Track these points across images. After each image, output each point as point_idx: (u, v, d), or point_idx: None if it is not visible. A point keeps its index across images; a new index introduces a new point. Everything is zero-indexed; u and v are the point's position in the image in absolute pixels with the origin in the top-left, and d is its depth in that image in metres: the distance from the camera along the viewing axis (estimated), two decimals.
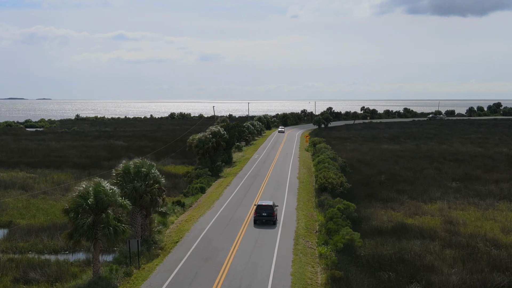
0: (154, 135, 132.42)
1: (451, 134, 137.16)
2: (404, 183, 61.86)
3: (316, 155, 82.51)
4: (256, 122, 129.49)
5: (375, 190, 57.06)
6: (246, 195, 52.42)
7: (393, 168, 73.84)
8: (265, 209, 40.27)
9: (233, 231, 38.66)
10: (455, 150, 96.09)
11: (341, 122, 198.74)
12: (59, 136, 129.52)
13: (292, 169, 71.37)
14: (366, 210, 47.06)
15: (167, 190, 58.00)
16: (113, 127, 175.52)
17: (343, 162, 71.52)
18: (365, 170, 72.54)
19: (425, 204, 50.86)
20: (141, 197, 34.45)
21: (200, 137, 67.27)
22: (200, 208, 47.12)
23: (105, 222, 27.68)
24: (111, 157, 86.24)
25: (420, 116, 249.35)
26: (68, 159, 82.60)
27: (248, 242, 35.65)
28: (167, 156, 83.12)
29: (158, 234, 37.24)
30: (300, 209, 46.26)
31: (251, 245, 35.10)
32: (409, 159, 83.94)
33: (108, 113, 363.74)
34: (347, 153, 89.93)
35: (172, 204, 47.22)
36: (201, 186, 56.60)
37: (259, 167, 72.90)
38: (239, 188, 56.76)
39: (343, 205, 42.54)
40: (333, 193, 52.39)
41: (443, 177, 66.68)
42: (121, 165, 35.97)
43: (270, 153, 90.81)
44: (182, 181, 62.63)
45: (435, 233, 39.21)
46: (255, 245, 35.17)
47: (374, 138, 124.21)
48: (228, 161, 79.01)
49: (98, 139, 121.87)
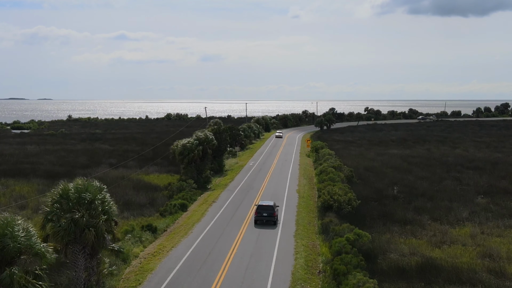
0: (144, 138, 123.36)
1: (462, 137, 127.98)
2: (422, 198, 52.75)
3: (318, 162, 73.46)
4: (253, 124, 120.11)
5: (388, 207, 47.95)
6: (234, 216, 43.30)
7: (406, 178, 64.75)
8: (266, 209, 39.89)
9: (210, 272, 29.59)
10: (471, 156, 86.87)
11: (344, 123, 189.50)
12: (42, 139, 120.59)
13: (291, 179, 62.28)
14: (381, 236, 37.96)
15: (141, 207, 49.17)
16: (104, 128, 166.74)
17: (349, 172, 62.48)
18: (374, 180, 63.49)
19: (451, 227, 41.77)
20: (83, 232, 25.38)
21: (185, 143, 58.11)
22: (175, 235, 37.99)
23: (6, 285, 18.57)
24: (90, 164, 77.38)
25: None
26: (40, 166, 73.54)
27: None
28: (151, 163, 73.96)
29: (111, 278, 28.11)
30: (299, 237, 37.15)
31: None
32: (422, 167, 74.79)
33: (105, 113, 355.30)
34: (353, 159, 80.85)
35: (142, 229, 38.13)
36: (182, 203, 47.52)
37: (253, 177, 63.78)
38: (227, 205, 47.66)
39: (353, 235, 33.44)
40: (340, 213, 43.41)
41: (465, 189, 57.61)
42: (59, 188, 26.88)
43: (267, 160, 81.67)
44: (162, 195, 53.56)
45: (475, 274, 30.07)
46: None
47: (381, 141, 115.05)
48: (218, 170, 69.94)
49: (83, 142, 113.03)
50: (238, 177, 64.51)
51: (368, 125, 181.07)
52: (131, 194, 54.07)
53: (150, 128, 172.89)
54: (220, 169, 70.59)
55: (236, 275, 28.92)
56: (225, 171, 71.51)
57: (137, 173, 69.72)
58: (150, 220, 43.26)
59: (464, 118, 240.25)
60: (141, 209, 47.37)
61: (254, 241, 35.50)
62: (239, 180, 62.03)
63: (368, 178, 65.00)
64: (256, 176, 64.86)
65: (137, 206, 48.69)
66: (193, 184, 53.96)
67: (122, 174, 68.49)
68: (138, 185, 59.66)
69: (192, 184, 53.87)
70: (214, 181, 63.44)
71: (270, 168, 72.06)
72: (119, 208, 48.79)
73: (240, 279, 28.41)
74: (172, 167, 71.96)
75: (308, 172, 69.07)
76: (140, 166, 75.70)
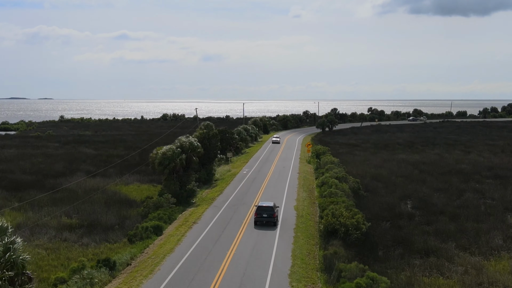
0: (134, 140, 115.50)
1: (473, 139, 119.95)
2: (442, 216, 44.77)
3: (319, 171, 65.45)
4: (250, 126, 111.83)
5: (404, 231, 39.99)
6: (217, 244, 35.29)
7: (419, 190, 56.84)
8: (266, 210, 39.32)
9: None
10: (488, 162, 78.80)
11: (347, 124, 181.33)
12: (24, 141, 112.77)
13: (288, 192, 54.30)
14: (399, 275, 29.98)
15: (108, 230, 41.10)
16: (94, 130, 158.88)
17: (354, 184, 54.48)
18: (384, 193, 55.60)
19: (485, 258, 33.83)
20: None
21: (165, 152, 50.10)
22: (138, 273, 29.94)
23: None
24: (65, 172, 69.50)
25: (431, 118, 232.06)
26: (8, 175, 65.57)
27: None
28: (132, 171, 66.03)
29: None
30: (295, 276, 29.12)
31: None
32: (436, 176, 66.82)
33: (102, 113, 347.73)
34: (358, 166, 72.89)
35: (97, 264, 30.14)
36: (157, 225, 39.53)
37: (246, 190, 55.77)
38: (210, 228, 39.65)
39: (366, 280, 25.46)
40: (346, 240, 35.47)
41: (491, 205, 49.64)
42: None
43: (264, 167, 73.61)
44: (136, 213, 45.61)
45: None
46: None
47: (387, 145, 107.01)
48: (207, 179, 61.90)
49: (67, 145, 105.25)
50: (228, 189, 56.48)
51: (372, 126, 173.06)
52: (100, 211, 46.18)
53: (143, 129, 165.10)
54: (210, 179, 62.58)
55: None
56: (215, 180, 63.50)
57: (115, 183, 61.83)
58: (113, 249, 35.37)
59: (471, 119, 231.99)
60: (107, 233, 39.46)
61: (237, 285, 27.52)
62: (229, 193, 54.01)
63: (377, 190, 57.10)
64: (249, 188, 56.84)
65: (103, 228, 40.81)
66: (172, 199, 45.89)
67: (99, 184, 60.65)
68: (112, 199, 51.75)
69: (171, 199, 45.81)
70: (200, 193, 55.45)
71: (266, 177, 64.07)
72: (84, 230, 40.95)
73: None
74: (156, 175, 63.86)
75: (309, 182, 61.07)
76: (122, 173, 67.86)
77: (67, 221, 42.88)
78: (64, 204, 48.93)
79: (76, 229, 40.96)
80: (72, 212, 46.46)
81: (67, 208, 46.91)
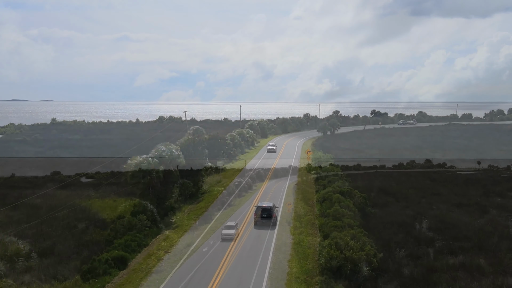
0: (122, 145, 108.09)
1: (485, 144, 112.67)
2: (467, 242, 37.35)
3: (320, 182, 57.67)
4: (245, 130, 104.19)
5: (423, 260, 32.58)
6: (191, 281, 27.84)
7: (435, 205, 49.51)
8: (265, 210, 39.97)
9: None
10: (507, 171, 71.40)
11: (350, 127, 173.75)
12: (5, 147, 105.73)
13: (284, 209, 46.88)
14: None
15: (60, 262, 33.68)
16: (84, 134, 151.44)
17: (361, 198, 47.04)
18: (394, 208, 48.32)
19: None
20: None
21: (139, 162, 42.68)
22: None
23: None
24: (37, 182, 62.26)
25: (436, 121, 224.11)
26: None
27: None
28: (107, 182, 58.75)
29: None
30: None
31: None
32: (451, 187, 59.46)
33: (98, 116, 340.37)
34: (363, 176, 65.53)
35: None
36: (120, 256, 32.15)
37: (237, 203, 48.32)
38: (185, 261, 32.24)
39: None
40: (354, 279, 28.10)
41: None
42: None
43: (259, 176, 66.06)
44: (102, 237, 38.20)
45: None
46: None
47: (393, 150, 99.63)
48: (194, 192, 54.43)
49: (50, 151, 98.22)
50: (216, 204, 49.07)
51: (376, 129, 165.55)
52: (58, 235, 38.79)
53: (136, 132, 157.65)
54: (196, 191, 55.10)
55: None
56: (202, 193, 56.03)
57: (89, 195, 54.52)
58: None
59: (477, 121, 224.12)
60: (57, 266, 32.00)
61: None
62: (216, 208, 46.63)
63: (386, 205, 49.78)
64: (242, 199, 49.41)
65: (56, 259, 33.42)
66: (146, 222, 38.52)
67: (69, 197, 53.32)
68: (78, 217, 44.38)
69: (145, 222, 38.43)
70: (183, 210, 48.07)
71: (261, 188, 56.70)
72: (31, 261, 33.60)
73: None
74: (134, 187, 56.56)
75: (308, 195, 53.68)
76: (99, 183, 60.60)
77: (14, 248, 35.43)
78: (21, 222, 41.67)
79: (22, 259, 33.56)
80: (28, 234, 39.13)
81: (20, 228, 39.59)
